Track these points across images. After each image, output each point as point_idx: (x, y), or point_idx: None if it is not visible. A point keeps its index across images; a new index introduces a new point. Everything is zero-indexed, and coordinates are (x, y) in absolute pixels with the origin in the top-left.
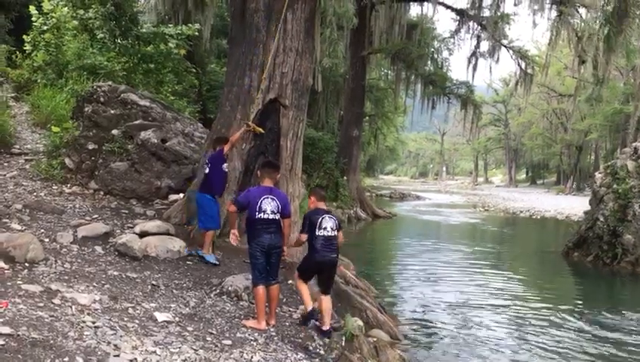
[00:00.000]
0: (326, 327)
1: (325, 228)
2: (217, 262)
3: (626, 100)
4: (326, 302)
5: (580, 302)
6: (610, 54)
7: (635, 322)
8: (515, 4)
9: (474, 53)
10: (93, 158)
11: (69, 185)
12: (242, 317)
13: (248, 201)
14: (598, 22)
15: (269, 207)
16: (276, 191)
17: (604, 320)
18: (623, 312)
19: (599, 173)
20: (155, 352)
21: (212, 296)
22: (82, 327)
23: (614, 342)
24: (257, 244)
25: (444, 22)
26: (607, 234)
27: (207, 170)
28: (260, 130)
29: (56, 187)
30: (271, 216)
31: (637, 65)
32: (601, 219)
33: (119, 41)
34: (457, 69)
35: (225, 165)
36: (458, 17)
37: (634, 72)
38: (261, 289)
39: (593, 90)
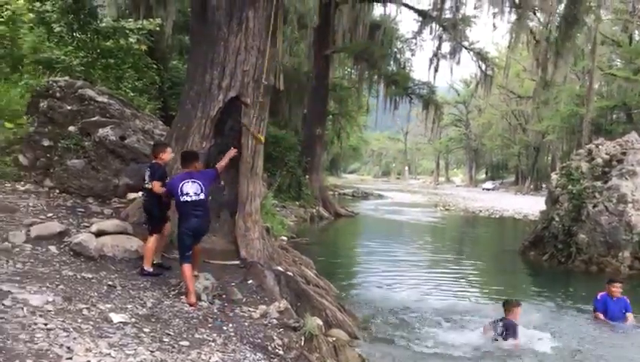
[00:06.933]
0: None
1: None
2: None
3: (581, 103)
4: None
5: (536, 299)
6: (558, 59)
7: (583, 318)
8: (476, 7)
9: (436, 54)
10: (48, 155)
11: (22, 183)
12: (200, 317)
13: (172, 188)
14: (549, 26)
15: (191, 189)
16: (195, 174)
17: (551, 312)
18: (571, 306)
19: (555, 173)
20: (109, 354)
21: (170, 296)
22: (34, 329)
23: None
24: (186, 228)
25: (407, 23)
26: (562, 233)
27: None
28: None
29: (9, 185)
30: (194, 198)
31: (589, 69)
32: (557, 218)
33: (77, 35)
34: (419, 69)
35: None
36: (420, 18)
37: (588, 75)
38: (188, 267)
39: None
